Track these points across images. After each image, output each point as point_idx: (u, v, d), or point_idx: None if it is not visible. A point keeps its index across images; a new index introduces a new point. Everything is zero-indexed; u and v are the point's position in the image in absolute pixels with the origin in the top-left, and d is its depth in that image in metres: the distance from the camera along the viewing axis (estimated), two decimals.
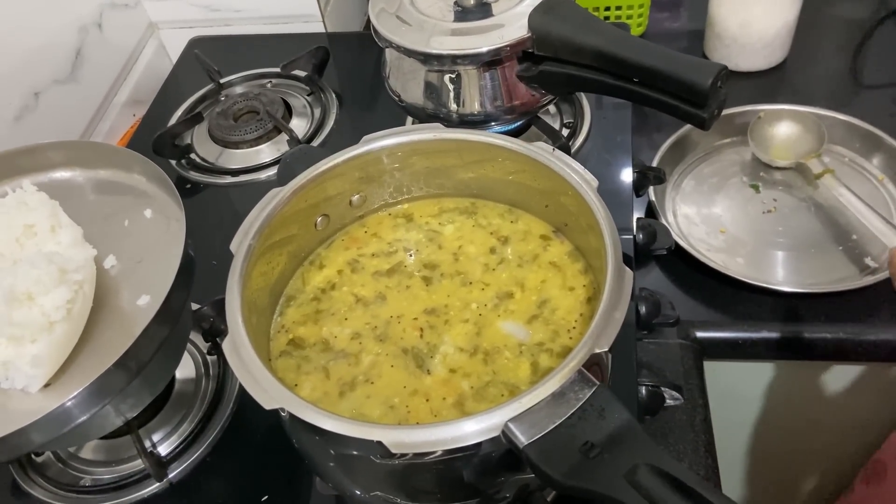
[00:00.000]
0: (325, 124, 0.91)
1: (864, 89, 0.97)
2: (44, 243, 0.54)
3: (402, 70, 0.74)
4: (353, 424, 0.40)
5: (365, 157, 0.56)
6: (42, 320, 0.49)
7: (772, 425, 0.88)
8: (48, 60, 0.89)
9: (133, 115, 1.02)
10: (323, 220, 0.58)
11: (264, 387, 0.42)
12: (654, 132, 0.91)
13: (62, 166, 0.63)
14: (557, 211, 0.55)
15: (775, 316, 0.75)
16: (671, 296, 0.73)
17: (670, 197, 0.87)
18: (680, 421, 0.70)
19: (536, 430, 0.39)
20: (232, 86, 0.98)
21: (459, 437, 0.39)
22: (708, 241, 0.82)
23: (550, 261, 0.55)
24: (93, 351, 0.53)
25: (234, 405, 0.65)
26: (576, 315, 0.51)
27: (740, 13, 0.94)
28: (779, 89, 0.98)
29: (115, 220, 0.60)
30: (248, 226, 0.51)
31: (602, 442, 0.38)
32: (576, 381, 0.40)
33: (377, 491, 0.48)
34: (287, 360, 0.52)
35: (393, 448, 0.39)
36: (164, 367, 0.59)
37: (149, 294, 0.55)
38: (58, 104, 0.90)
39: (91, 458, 0.63)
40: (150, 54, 1.07)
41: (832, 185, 0.81)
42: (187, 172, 0.87)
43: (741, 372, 0.80)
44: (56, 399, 0.47)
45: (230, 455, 0.62)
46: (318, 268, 0.58)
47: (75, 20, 0.93)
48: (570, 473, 0.37)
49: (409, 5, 0.73)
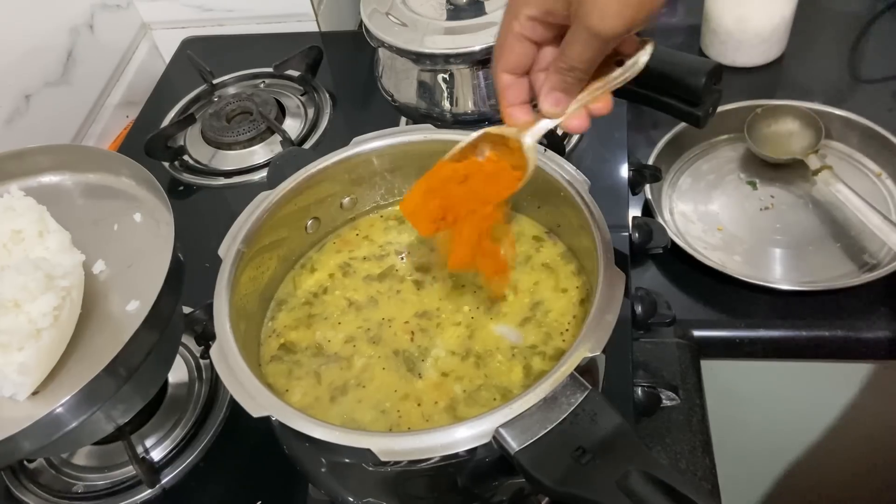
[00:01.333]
0: (318, 124, 0.91)
1: (862, 84, 0.97)
2: (31, 249, 0.54)
3: (395, 70, 0.73)
4: (343, 432, 0.40)
5: (355, 160, 0.56)
6: (29, 327, 0.48)
7: (770, 425, 0.88)
8: (39, 63, 0.88)
9: (126, 117, 1.02)
10: (313, 223, 0.57)
11: (252, 394, 0.42)
12: (651, 129, 0.90)
13: (50, 170, 0.63)
14: (550, 212, 0.55)
15: (773, 314, 0.74)
16: (668, 295, 0.73)
17: (667, 194, 0.86)
18: (677, 421, 0.69)
19: (528, 436, 0.38)
20: (225, 86, 0.98)
21: (450, 443, 0.39)
22: (705, 239, 0.81)
23: (543, 262, 0.54)
24: (82, 357, 0.53)
25: (227, 409, 0.64)
26: (569, 317, 0.51)
27: (737, 8, 0.94)
28: (776, 85, 0.97)
29: (104, 225, 0.60)
30: (237, 230, 0.51)
31: (594, 447, 0.38)
32: (568, 385, 0.40)
33: (369, 497, 0.48)
34: (278, 365, 0.51)
35: (382, 456, 0.38)
36: (156, 372, 0.59)
37: (138, 299, 0.55)
38: (49, 107, 0.89)
39: (84, 464, 0.63)
40: (143, 55, 1.07)
41: (830, 182, 0.80)
42: (180, 174, 0.87)
43: (739, 371, 0.79)
44: (45, 406, 0.47)
45: (223, 460, 0.62)
46: (309, 271, 0.57)
47: (66, 22, 0.92)
48: (562, 480, 0.37)
49: (402, 4, 0.72)
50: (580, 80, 0.44)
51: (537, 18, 0.42)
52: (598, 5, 0.39)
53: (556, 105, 0.45)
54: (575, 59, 0.43)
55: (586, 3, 0.39)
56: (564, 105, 0.46)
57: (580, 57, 0.42)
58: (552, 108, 0.46)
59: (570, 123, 0.46)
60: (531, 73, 0.46)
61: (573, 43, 0.42)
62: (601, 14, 0.39)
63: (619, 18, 0.39)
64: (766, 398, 0.84)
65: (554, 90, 0.45)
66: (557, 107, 0.46)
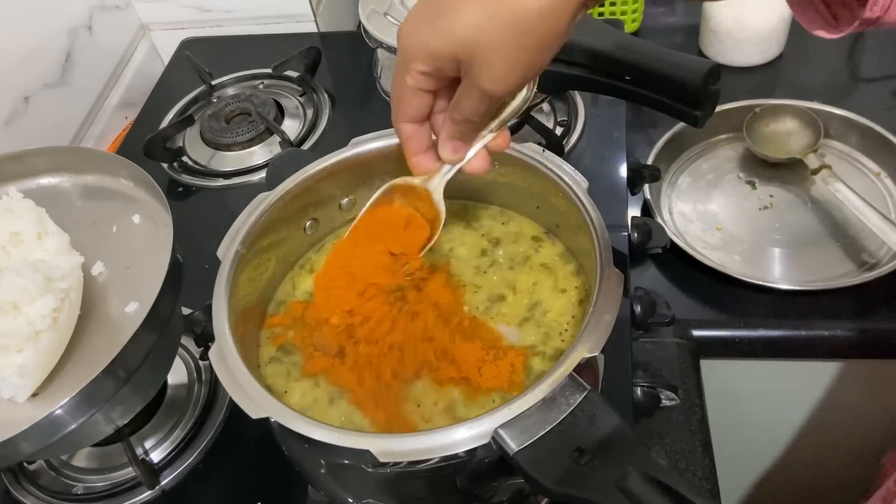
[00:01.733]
0: (317, 125, 0.91)
1: (861, 84, 0.97)
2: (30, 251, 0.54)
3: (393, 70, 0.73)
4: (342, 433, 0.40)
5: (354, 160, 0.56)
6: (28, 329, 0.48)
7: (769, 424, 0.88)
8: (38, 64, 0.88)
9: (125, 118, 1.02)
10: (312, 224, 0.57)
11: (251, 395, 0.42)
12: (650, 129, 0.90)
13: (49, 172, 0.63)
14: (549, 212, 0.55)
15: (772, 314, 0.74)
16: (667, 294, 0.73)
17: (666, 194, 0.86)
18: (677, 421, 0.69)
19: (527, 437, 0.38)
20: (224, 87, 0.98)
21: (448, 444, 0.39)
22: (704, 239, 0.81)
23: (542, 262, 0.54)
24: (81, 359, 0.52)
25: (226, 411, 0.64)
26: (568, 317, 0.51)
27: (735, 8, 0.94)
28: (775, 84, 0.97)
29: (103, 226, 0.60)
30: (236, 231, 0.51)
31: (593, 448, 0.38)
32: (566, 386, 0.40)
33: (369, 498, 0.48)
34: (277, 367, 0.51)
35: (381, 457, 0.38)
36: (155, 374, 0.59)
37: (137, 301, 0.55)
38: (48, 108, 0.89)
39: (83, 466, 0.63)
40: (142, 56, 1.07)
41: (829, 181, 0.80)
42: (179, 175, 0.87)
43: (738, 371, 0.79)
44: (44, 408, 0.47)
45: (223, 461, 0.62)
46: (308, 272, 0.57)
47: (65, 23, 0.92)
48: (561, 480, 0.37)
49: (400, 5, 0.72)
50: (476, 130, 0.46)
51: (428, 73, 0.42)
52: (486, 69, 0.39)
53: (455, 152, 0.47)
54: (468, 113, 0.43)
55: (475, 66, 0.39)
56: (463, 152, 0.47)
57: (473, 111, 0.43)
58: (451, 155, 0.47)
59: (472, 165, 0.48)
60: (431, 117, 0.46)
61: (465, 98, 0.42)
62: (491, 77, 0.40)
63: (508, 80, 0.40)
64: (765, 397, 0.84)
65: (451, 138, 0.46)
66: (456, 154, 0.47)
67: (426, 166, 0.48)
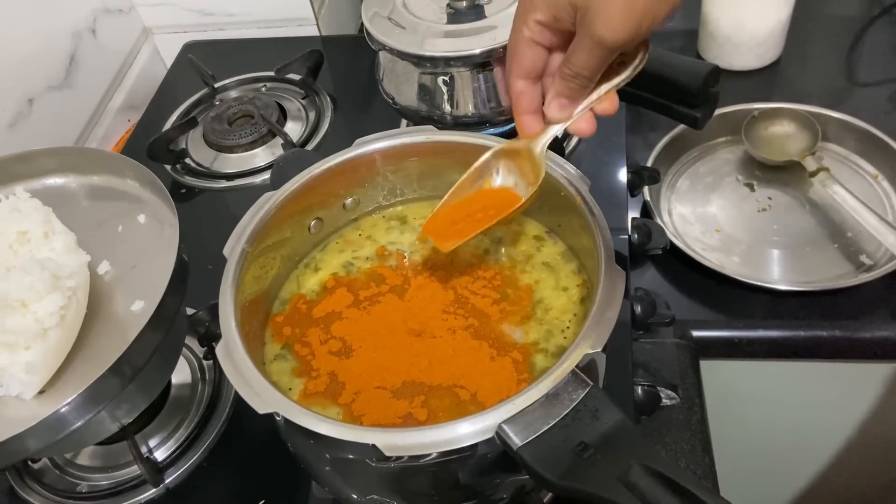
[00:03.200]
0: (319, 127, 0.91)
1: (858, 87, 0.98)
2: (37, 250, 0.54)
3: (395, 73, 0.74)
4: (347, 428, 0.40)
5: (358, 160, 0.56)
6: (36, 327, 0.49)
7: (769, 424, 0.88)
8: (42, 67, 0.89)
9: (128, 121, 1.03)
10: (317, 223, 0.58)
11: (258, 391, 0.42)
12: (649, 131, 0.91)
13: (55, 173, 0.63)
14: (550, 211, 0.55)
15: (771, 314, 0.75)
16: (667, 295, 0.73)
17: (665, 196, 0.87)
18: (677, 420, 0.70)
19: (530, 432, 0.39)
20: (226, 90, 0.99)
21: (453, 439, 0.39)
22: (703, 241, 0.82)
23: (544, 261, 0.55)
24: (87, 357, 0.53)
25: (230, 409, 0.65)
26: (569, 315, 0.51)
27: (734, 12, 0.94)
28: (773, 88, 0.98)
29: (109, 226, 0.60)
30: (241, 230, 0.51)
31: (596, 443, 0.38)
32: (569, 381, 0.40)
33: (373, 494, 0.48)
34: (281, 364, 0.51)
35: (387, 451, 0.39)
36: (160, 373, 0.59)
37: (143, 299, 0.55)
38: (52, 110, 0.90)
39: (88, 464, 0.63)
40: (145, 59, 1.07)
41: (827, 183, 0.81)
42: (182, 177, 0.87)
43: (737, 371, 0.80)
44: (51, 405, 0.47)
45: (227, 460, 0.62)
46: (312, 271, 0.58)
47: (69, 26, 0.93)
48: (565, 474, 0.37)
49: (402, 8, 0.73)
50: (585, 87, 0.45)
51: (545, 23, 0.43)
52: (602, 15, 0.39)
53: (562, 110, 0.46)
54: (580, 67, 0.43)
55: (591, 13, 0.40)
56: (570, 110, 0.46)
57: (585, 64, 0.43)
58: (558, 113, 0.46)
59: (578, 127, 0.47)
60: (543, 78, 0.47)
61: (578, 51, 0.42)
62: (605, 24, 0.40)
63: (623, 28, 0.40)
64: (764, 398, 0.84)
65: (559, 96, 0.46)
66: (563, 112, 0.46)
67: (532, 128, 0.48)
